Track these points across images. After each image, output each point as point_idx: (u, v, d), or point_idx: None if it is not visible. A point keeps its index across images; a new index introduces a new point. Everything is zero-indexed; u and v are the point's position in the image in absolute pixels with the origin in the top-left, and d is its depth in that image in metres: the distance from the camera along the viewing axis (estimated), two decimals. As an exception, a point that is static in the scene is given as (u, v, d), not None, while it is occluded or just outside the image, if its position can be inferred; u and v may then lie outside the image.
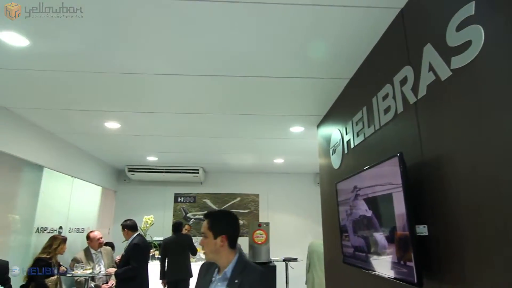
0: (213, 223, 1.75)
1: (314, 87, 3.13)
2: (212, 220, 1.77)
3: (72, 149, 5.35)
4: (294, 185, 7.67)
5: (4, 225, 3.96)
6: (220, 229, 1.73)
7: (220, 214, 1.85)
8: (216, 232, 1.72)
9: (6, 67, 2.79)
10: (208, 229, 1.74)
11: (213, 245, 1.71)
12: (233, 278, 1.65)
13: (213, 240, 1.71)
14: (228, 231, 1.74)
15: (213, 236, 1.72)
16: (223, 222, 1.78)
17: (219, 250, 1.71)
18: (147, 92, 3.30)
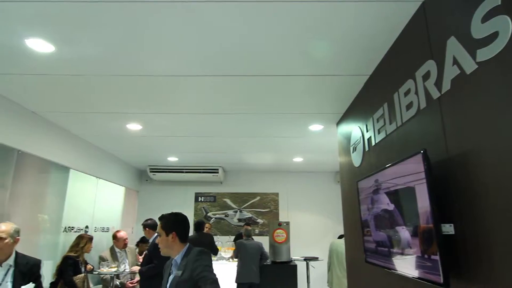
0: (164, 224, 2.12)
1: (333, 85, 3.09)
2: (163, 221, 2.13)
3: (96, 150, 5.52)
4: (314, 183, 7.61)
5: (34, 224, 4.12)
6: (170, 227, 2.10)
7: (170, 216, 2.18)
8: (168, 231, 2.09)
9: (33, 72, 2.91)
10: (161, 228, 2.11)
11: (166, 241, 2.08)
12: (181, 262, 2.03)
13: (166, 237, 2.09)
14: (177, 229, 2.11)
15: (165, 234, 2.09)
16: (172, 222, 2.13)
17: (171, 245, 2.08)
18: (167, 93, 3.36)
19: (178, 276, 1.98)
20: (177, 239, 2.09)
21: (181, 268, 1.99)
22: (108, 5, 2.02)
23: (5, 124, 3.49)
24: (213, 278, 1.92)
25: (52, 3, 2.00)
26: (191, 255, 2.04)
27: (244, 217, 7.55)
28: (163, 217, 2.18)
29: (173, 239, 2.08)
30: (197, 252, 2.05)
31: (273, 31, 2.28)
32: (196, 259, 2.00)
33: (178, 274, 1.98)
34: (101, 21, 2.18)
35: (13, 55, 2.61)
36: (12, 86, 3.20)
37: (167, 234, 2.09)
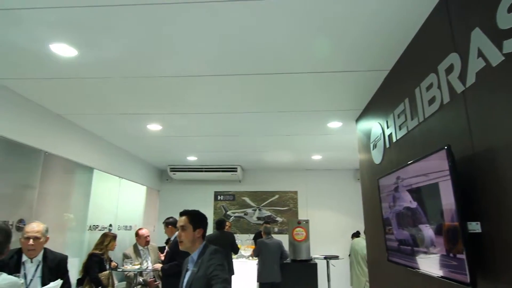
0: (194, 218, 2.19)
1: (352, 81, 3.05)
2: (192, 216, 2.21)
3: (118, 151, 5.66)
4: (333, 181, 7.53)
5: (61, 223, 4.27)
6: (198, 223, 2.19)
7: (198, 213, 2.28)
8: (196, 226, 2.16)
9: (58, 76, 3.01)
10: (189, 222, 2.16)
11: (192, 236, 2.15)
12: (197, 260, 2.11)
13: (193, 232, 2.15)
14: (203, 226, 2.21)
15: (193, 228, 2.15)
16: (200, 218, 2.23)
17: (195, 240, 2.16)
18: (186, 93, 3.40)
19: (194, 272, 2.06)
20: (201, 235, 2.17)
21: (197, 265, 2.08)
22: (128, 8, 2.06)
23: (32, 127, 3.63)
24: (224, 277, 1.97)
25: (74, 9, 2.06)
26: (206, 253, 2.11)
27: (263, 216, 7.56)
28: (190, 212, 2.23)
29: (198, 235, 2.16)
30: (212, 250, 2.12)
31: (290, 27, 2.26)
32: (210, 257, 2.06)
33: (194, 270, 2.07)
34: (121, 24, 2.23)
35: (38, 60, 2.71)
36: (38, 90, 3.32)
37: (195, 229, 2.15)
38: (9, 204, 3.39)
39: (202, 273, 2.02)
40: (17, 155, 3.50)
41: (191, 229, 2.14)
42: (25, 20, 2.18)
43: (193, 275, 2.05)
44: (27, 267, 2.71)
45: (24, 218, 3.47)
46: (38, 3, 2.02)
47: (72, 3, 2.01)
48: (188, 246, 2.16)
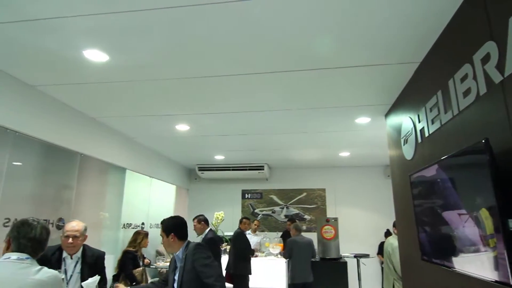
0: (164, 228, 2.41)
1: (381, 75, 2.97)
2: (163, 226, 2.43)
3: (149, 152, 5.83)
4: (363, 178, 7.38)
5: (96, 221, 4.47)
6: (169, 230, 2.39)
7: (168, 220, 2.47)
8: (167, 233, 2.38)
9: (90, 81, 3.14)
10: (162, 231, 2.41)
11: (167, 241, 2.38)
12: (182, 256, 2.32)
13: (166, 239, 2.38)
14: (175, 230, 2.39)
15: (166, 236, 2.38)
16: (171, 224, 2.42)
17: (172, 244, 2.37)
18: (213, 93, 3.45)
19: (181, 267, 2.28)
20: (176, 239, 2.38)
21: (182, 260, 2.30)
22: (155, 12, 2.12)
23: (69, 130, 3.81)
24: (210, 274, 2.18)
25: (104, 15, 2.14)
26: (189, 249, 2.32)
27: (291, 213, 7.53)
28: (164, 220, 2.49)
29: (172, 239, 2.37)
30: (193, 246, 2.34)
31: (315, 22, 2.24)
32: (194, 252, 2.28)
33: (181, 266, 2.29)
34: (149, 28, 2.29)
35: (72, 67, 2.84)
36: (73, 94, 3.48)
37: (167, 235, 2.39)
38: (50, 204, 3.58)
39: (189, 267, 2.24)
40: (56, 158, 3.70)
41: (165, 236, 2.40)
42: (61, 29, 2.30)
43: (181, 270, 2.27)
44: (67, 263, 2.85)
45: (63, 217, 3.66)
46: (72, 12, 2.12)
47: (102, 10, 2.09)
48: (169, 250, 2.44)
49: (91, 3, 2.04)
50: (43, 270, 1.64)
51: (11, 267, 1.58)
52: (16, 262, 1.60)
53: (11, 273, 1.56)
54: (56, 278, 1.68)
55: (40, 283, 1.58)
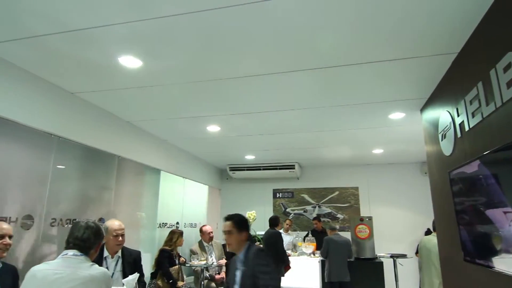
0: (240, 222, 2.34)
1: (416, 68, 2.86)
2: (238, 220, 2.36)
3: (182, 153, 5.99)
4: (398, 176, 7.14)
5: (134, 221, 4.65)
6: (244, 227, 2.36)
7: (243, 217, 2.43)
8: (242, 229, 2.33)
9: (125, 86, 3.27)
10: (234, 227, 2.31)
11: (239, 238, 2.30)
12: (244, 259, 2.27)
13: (239, 235, 2.31)
14: (248, 229, 2.38)
15: (239, 231, 2.31)
16: (245, 222, 2.39)
17: (242, 243, 2.32)
18: (243, 94, 3.48)
19: (244, 271, 2.24)
20: (245, 238, 2.35)
21: (245, 264, 2.26)
22: (185, 17, 2.17)
23: (107, 134, 4.00)
24: (269, 284, 2.13)
25: (137, 23, 2.23)
26: (250, 252, 2.28)
27: (323, 213, 7.44)
28: (236, 216, 2.40)
29: (245, 237, 2.33)
30: (256, 250, 2.29)
31: (344, 15, 2.19)
32: (255, 257, 2.24)
33: (244, 269, 2.24)
34: (180, 33, 2.35)
35: (108, 73, 2.98)
36: (109, 100, 3.65)
37: (241, 232, 2.33)
38: (92, 204, 3.78)
39: (250, 272, 2.20)
40: (95, 161, 3.89)
41: (236, 232, 2.31)
42: (97, 38, 2.42)
43: (243, 273, 2.24)
44: (109, 262, 2.99)
45: (103, 217, 3.85)
46: (106, 21, 2.22)
47: (135, 18, 2.18)
48: (235, 248, 2.35)
49: (124, 12, 2.13)
50: (95, 266, 1.81)
51: (68, 262, 1.76)
52: (72, 257, 1.79)
53: (67, 266, 1.73)
54: (106, 274, 1.83)
55: (92, 278, 1.73)
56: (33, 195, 3.03)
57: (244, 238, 2.34)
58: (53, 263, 1.78)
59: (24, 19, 2.20)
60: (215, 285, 5.15)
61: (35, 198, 3.04)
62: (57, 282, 1.67)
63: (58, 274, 1.69)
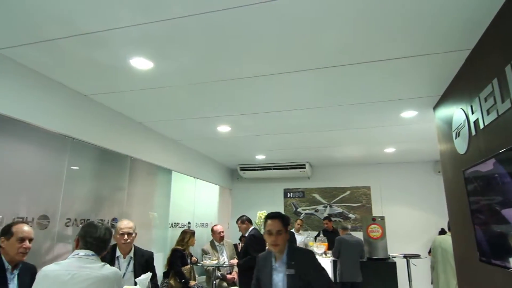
0: (286, 222, 2.21)
1: (428, 65, 2.81)
2: (286, 220, 2.22)
3: (193, 153, 6.03)
4: (410, 175, 7.04)
5: (147, 221, 4.70)
6: (287, 226, 2.23)
7: (286, 215, 2.30)
8: (287, 229, 2.20)
9: (136, 88, 3.31)
10: (283, 226, 2.17)
11: (285, 237, 2.17)
12: (288, 261, 2.13)
13: (286, 235, 2.17)
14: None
15: (286, 231, 2.18)
16: (288, 221, 2.27)
17: (285, 243, 2.17)
18: (253, 94, 3.48)
19: (291, 273, 2.08)
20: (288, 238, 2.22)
21: (291, 266, 2.10)
22: (194, 18, 2.18)
23: (119, 135, 4.05)
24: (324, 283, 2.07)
25: (148, 25, 2.25)
26: (295, 253, 2.15)
27: (334, 212, 7.39)
28: (282, 215, 2.23)
29: (288, 237, 2.19)
30: (307, 251, 2.19)
31: (357, 14, 2.17)
32: (308, 257, 2.15)
33: (290, 271, 2.08)
34: (189, 34, 2.37)
35: (120, 75, 3.02)
36: (121, 101, 3.70)
37: (286, 231, 2.18)
38: (105, 204, 3.84)
39: (300, 275, 2.06)
40: (108, 162, 3.95)
41: (284, 232, 2.16)
42: (109, 41, 2.45)
43: (292, 277, 2.07)
44: (120, 262, 3.02)
45: (116, 216, 3.90)
46: (118, 24, 2.25)
47: (145, 20, 2.20)
48: (282, 249, 2.17)
49: (135, 15, 2.15)
50: (106, 266, 1.82)
51: (79, 262, 1.77)
52: (83, 258, 1.79)
53: (79, 267, 1.74)
54: (117, 274, 1.84)
55: (104, 278, 1.74)
56: (48, 195, 3.09)
57: (288, 237, 2.20)
58: (65, 263, 1.78)
59: (39, 23, 2.24)
60: (226, 284, 5.17)
61: (50, 199, 3.10)
62: (70, 282, 1.68)
63: (71, 274, 1.70)
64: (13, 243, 2.25)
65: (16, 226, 2.31)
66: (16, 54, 2.65)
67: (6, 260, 2.24)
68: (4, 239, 2.26)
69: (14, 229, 2.29)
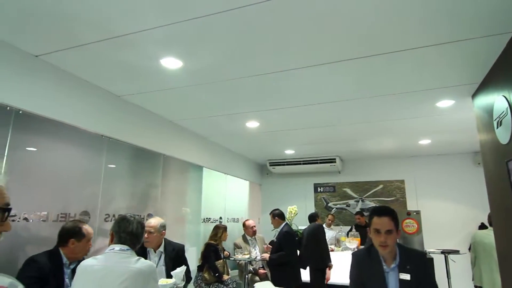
0: (396, 220, 1.92)
1: (466, 51, 2.66)
2: (395, 216, 1.94)
3: (222, 149, 6.12)
4: (447, 167, 6.74)
5: (180, 216, 4.84)
6: (398, 225, 1.94)
7: (395, 212, 1.99)
8: (397, 227, 1.93)
9: (167, 87, 3.40)
10: (394, 225, 1.90)
11: (396, 238, 1.90)
12: (403, 264, 1.86)
13: (396, 235, 1.91)
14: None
15: (397, 230, 1.91)
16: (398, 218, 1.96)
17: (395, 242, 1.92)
18: (281, 88, 3.46)
19: (407, 281, 1.83)
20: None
21: (407, 271, 1.85)
22: (221, 15, 2.19)
23: (152, 133, 4.19)
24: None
25: (176, 24, 2.29)
26: (412, 256, 1.91)
27: (366, 207, 7.23)
28: (393, 211, 1.96)
29: (399, 236, 1.95)
30: (422, 256, 1.95)
31: (381, 3, 2.10)
32: (424, 263, 1.90)
33: (405, 277, 1.84)
34: (217, 31, 2.39)
35: (151, 75, 3.11)
36: (153, 101, 3.81)
37: (397, 230, 1.92)
38: (141, 201, 3.99)
39: (419, 280, 1.82)
40: (142, 159, 4.09)
41: (395, 231, 1.90)
42: (140, 42, 2.53)
43: (408, 283, 1.82)
44: (151, 256, 3.11)
45: (151, 212, 4.04)
46: (147, 25, 2.31)
47: (173, 20, 2.25)
48: (393, 250, 1.91)
49: (162, 16, 2.20)
50: (141, 260, 1.86)
51: (115, 256, 1.83)
52: (119, 252, 1.84)
53: (115, 261, 1.81)
54: (152, 267, 1.88)
55: (139, 271, 1.78)
56: (88, 193, 3.26)
57: (399, 236, 1.93)
58: (102, 258, 1.83)
59: (75, 29, 2.35)
60: (258, 278, 5.22)
61: (90, 196, 3.27)
62: (108, 277, 1.73)
63: (108, 269, 1.76)
64: (84, 244, 2.42)
65: (85, 228, 2.46)
66: (55, 59, 2.80)
67: (65, 257, 2.38)
68: (74, 240, 2.39)
69: (85, 231, 2.44)
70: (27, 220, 2.61)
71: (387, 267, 1.90)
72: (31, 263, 2.24)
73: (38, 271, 2.19)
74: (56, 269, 2.30)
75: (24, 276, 2.16)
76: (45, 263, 2.25)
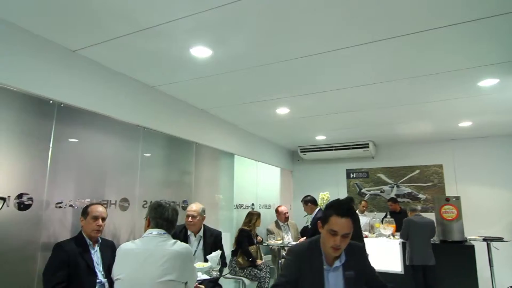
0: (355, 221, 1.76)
1: (508, 25, 2.46)
2: (356, 218, 1.81)
3: (253, 137, 6.14)
4: (490, 151, 6.35)
5: (213, 203, 4.95)
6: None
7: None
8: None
9: (197, 76, 3.44)
10: (352, 227, 1.72)
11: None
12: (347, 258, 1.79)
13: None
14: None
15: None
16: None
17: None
18: (310, 73, 3.40)
19: (350, 275, 1.76)
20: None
21: (351, 268, 1.78)
22: (248, 1, 2.17)
23: (184, 122, 4.28)
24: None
25: (205, 12, 2.30)
26: (354, 251, 1.82)
27: (402, 193, 7.02)
28: (354, 211, 1.82)
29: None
30: (360, 248, 1.87)
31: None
32: (360, 255, 1.85)
33: (350, 273, 1.77)
34: (246, 17, 2.38)
35: (182, 65, 3.15)
36: (184, 90, 3.88)
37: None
38: (176, 188, 4.12)
39: (360, 274, 1.79)
40: (176, 148, 4.21)
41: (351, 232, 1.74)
42: (169, 33, 2.57)
43: (353, 279, 1.75)
44: (192, 240, 3.26)
45: (186, 199, 4.17)
46: (176, 15, 2.34)
47: (200, 8, 2.25)
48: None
49: (190, 5, 2.21)
50: (178, 242, 1.96)
51: (154, 240, 1.93)
52: (157, 236, 1.94)
53: (154, 245, 1.90)
54: (188, 250, 1.98)
55: (177, 253, 1.88)
56: (127, 180, 3.41)
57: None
58: (141, 242, 1.93)
59: (107, 22, 2.43)
60: (292, 264, 5.27)
61: (129, 183, 3.42)
62: (150, 259, 1.83)
63: (148, 252, 1.85)
64: (89, 222, 2.58)
65: (91, 207, 2.64)
66: (91, 53, 2.92)
67: (86, 237, 2.59)
68: (82, 218, 2.62)
69: (89, 209, 2.62)
70: (72, 207, 2.79)
71: (328, 266, 1.76)
72: (57, 248, 2.45)
73: (65, 254, 2.40)
74: (83, 251, 2.51)
75: (53, 260, 2.40)
76: (70, 248, 2.46)
